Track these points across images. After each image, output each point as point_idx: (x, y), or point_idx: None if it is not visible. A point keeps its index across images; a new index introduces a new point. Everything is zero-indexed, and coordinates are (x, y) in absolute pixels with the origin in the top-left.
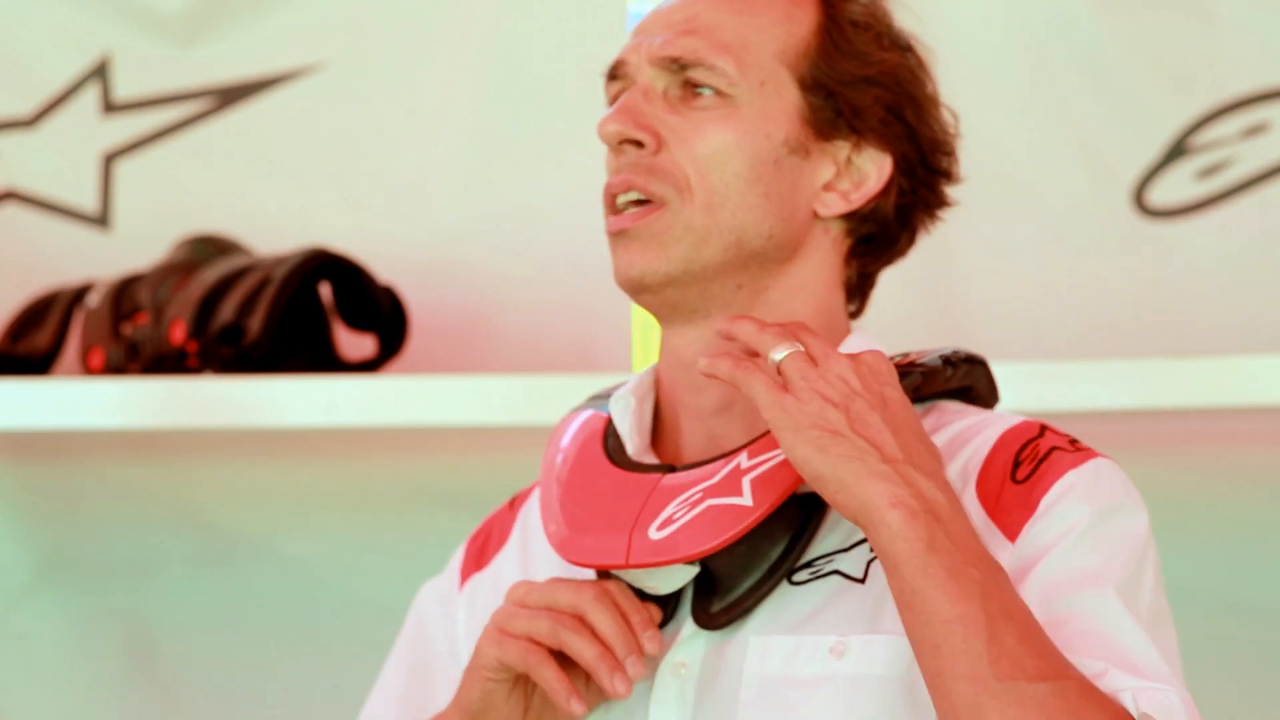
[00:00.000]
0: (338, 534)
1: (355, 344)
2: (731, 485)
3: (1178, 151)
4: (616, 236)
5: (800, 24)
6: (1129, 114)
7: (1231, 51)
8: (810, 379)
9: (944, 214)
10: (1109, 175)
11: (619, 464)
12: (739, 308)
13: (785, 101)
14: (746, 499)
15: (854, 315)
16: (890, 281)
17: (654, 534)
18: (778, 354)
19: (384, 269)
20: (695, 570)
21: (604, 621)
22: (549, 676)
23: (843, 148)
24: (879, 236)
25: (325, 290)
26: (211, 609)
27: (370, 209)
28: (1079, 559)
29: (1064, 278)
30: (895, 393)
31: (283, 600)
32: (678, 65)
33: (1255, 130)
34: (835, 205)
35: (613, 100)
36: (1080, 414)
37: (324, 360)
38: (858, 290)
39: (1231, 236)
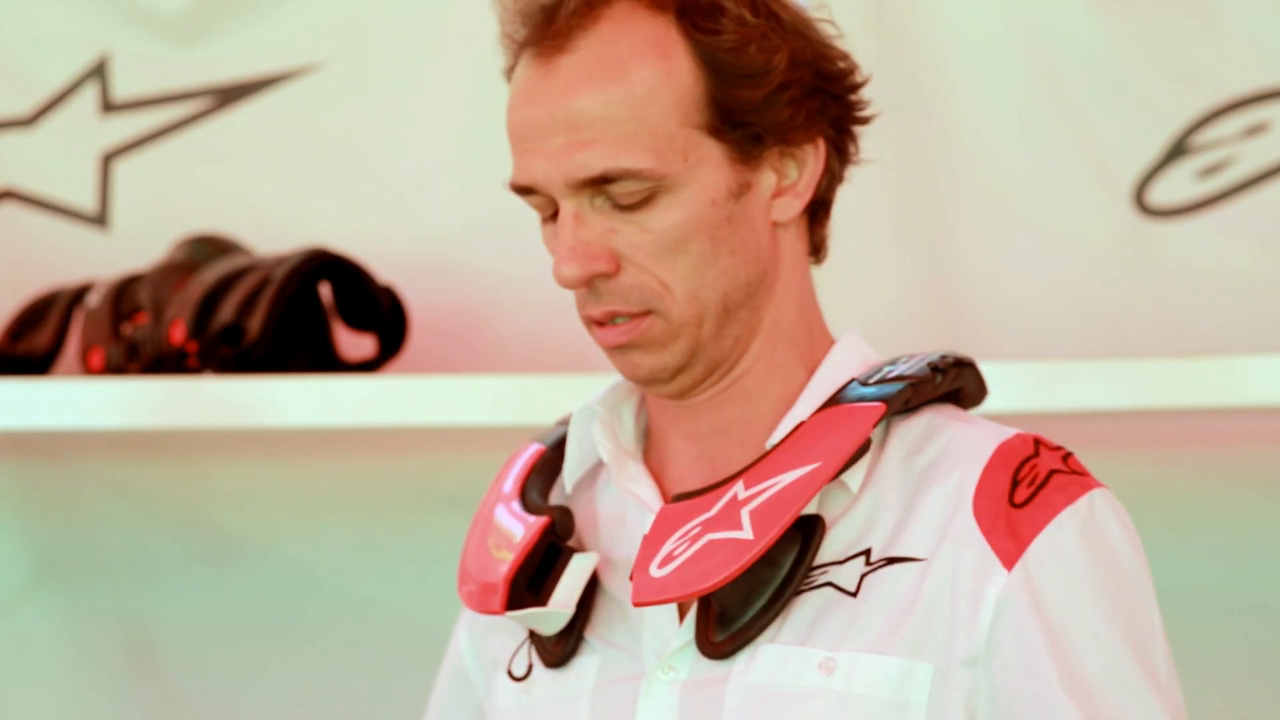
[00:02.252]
0: (337, 534)
1: (355, 344)
2: (730, 518)
3: (1178, 151)
4: (615, 350)
5: (680, 72)
6: (1129, 114)
7: (1231, 51)
8: None
9: (872, 119)
10: (1109, 175)
11: (528, 505)
12: (739, 350)
13: (709, 159)
14: (747, 532)
15: (818, 260)
16: (890, 282)
17: (655, 571)
18: None
19: (384, 269)
20: (570, 614)
21: None
22: None
23: (773, 154)
24: (827, 198)
25: (325, 290)
26: (210, 609)
27: (370, 209)
28: (1097, 629)
29: (1064, 278)
30: None
31: (282, 600)
32: (598, 182)
33: (1255, 130)
34: (791, 207)
35: (539, 210)
36: (1080, 414)
37: (324, 360)
38: (818, 246)
39: (1231, 236)
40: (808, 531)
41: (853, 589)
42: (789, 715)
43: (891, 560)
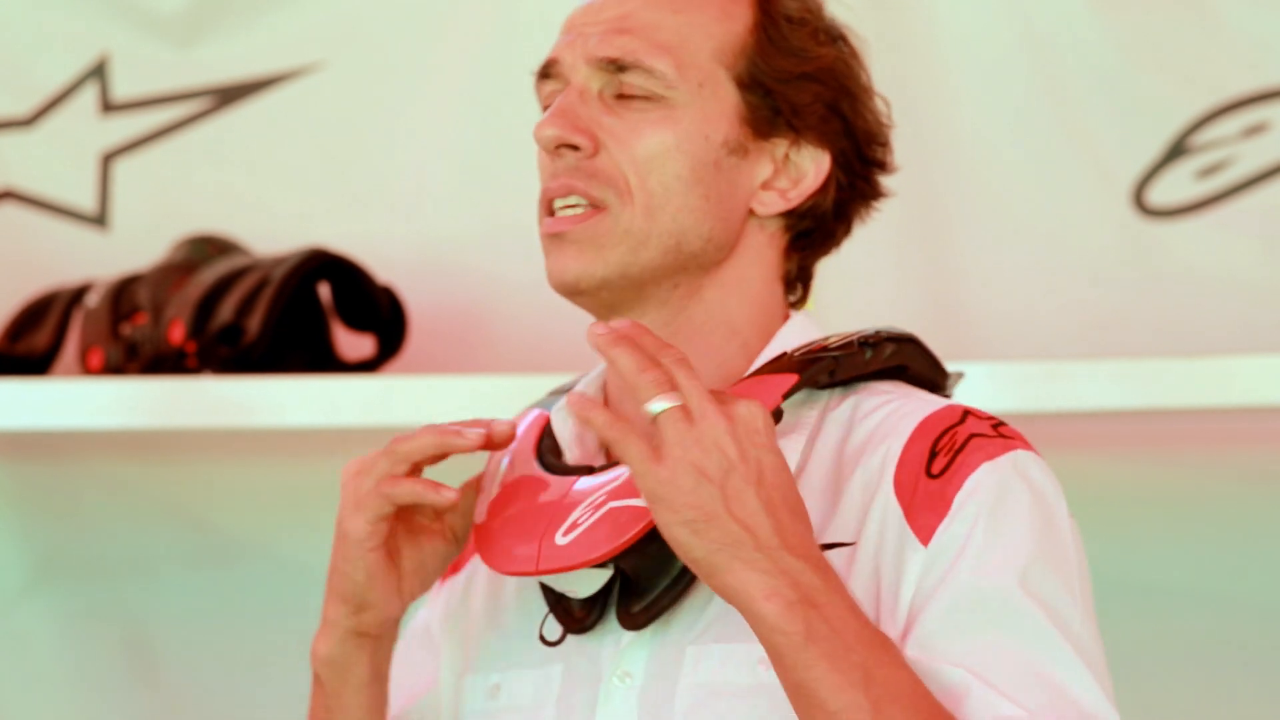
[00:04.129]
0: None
1: (354, 344)
2: (632, 486)
3: (1177, 151)
4: (552, 238)
5: (736, 21)
6: (1129, 114)
7: (1231, 51)
8: (686, 445)
9: (880, 204)
10: (1109, 175)
11: (548, 466)
12: (674, 307)
13: (724, 102)
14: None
15: (797, 305)
16: (889, 282)
17: (560, 540)
18: (655, 407)
19: (383, 269)
20: (609, 573)
21: (422, 439)
22: (415, 488)
23: (780, 145)
24: (816, 231)
25: (324, 290)
26: (209, 609)
27: (369, 209)
28: (997, 563)
29: (1063, 278)
30: (771, 458)
31: (280, 600)
32: (615, 66)
33: (1255, 130)
34: (774, 204)
35: (546, 101)
36: (1080, 414)
37: (323, 360)
38: (798, 281)
39: (1231, 236)
40: None
41: None
42: (730, 713)
43: (824, 548)
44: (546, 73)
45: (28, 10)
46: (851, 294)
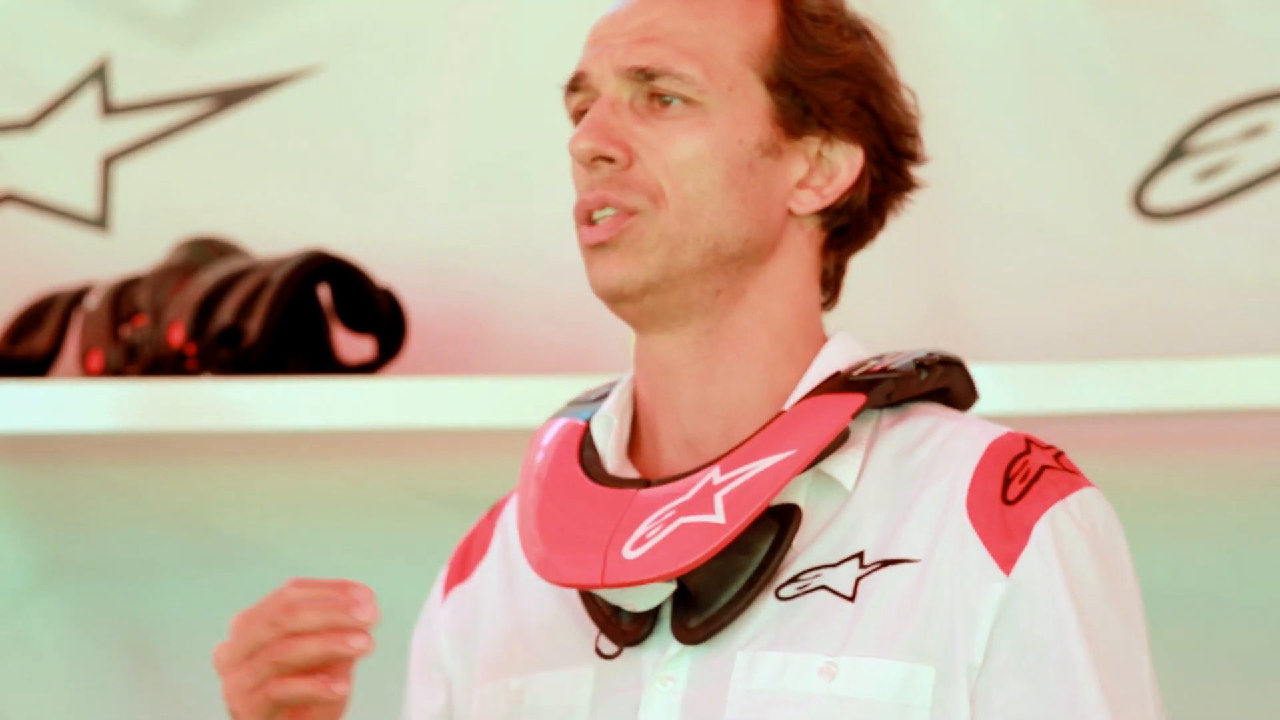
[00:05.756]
0: (337, 536)
1: (354, 346)
2: (704, 503)
3: (1177, 153)
4: (594, 249)
5: (761, 22)
6: (1128, 115)
7: (1231, 52)
8: None
9: (913, 196)
10: (1108, 176)
11: (595, 478)
12: (718, 313)
13: (754, 104)
14: (719, 516)
15: (827, 306)
16: (888, 283)
17: (628, 553)
18: None
19: (383, 271)
20: (672, 587)
21: (310, 619)
22: (300, 689)
23: (813, 143)
24: (852, 227)
25: (324, 292)
26: (211, 611)
27: (369, 211)
28: (1089, 629)
29: (1063, 279)
30: None
31: None
32: (644, 75)
33: (1255, 132)
34: (810, 202)
35: (575, 113)
36: (1079, 415)
37: (323, 362)
38: (832, 281)
39: (1231, 238)
40: (784, 520)
41: (849, 593)
42: None
43: (887, 562)
44: (575, 86)
45: (28, 12)
46: (850, 296)
